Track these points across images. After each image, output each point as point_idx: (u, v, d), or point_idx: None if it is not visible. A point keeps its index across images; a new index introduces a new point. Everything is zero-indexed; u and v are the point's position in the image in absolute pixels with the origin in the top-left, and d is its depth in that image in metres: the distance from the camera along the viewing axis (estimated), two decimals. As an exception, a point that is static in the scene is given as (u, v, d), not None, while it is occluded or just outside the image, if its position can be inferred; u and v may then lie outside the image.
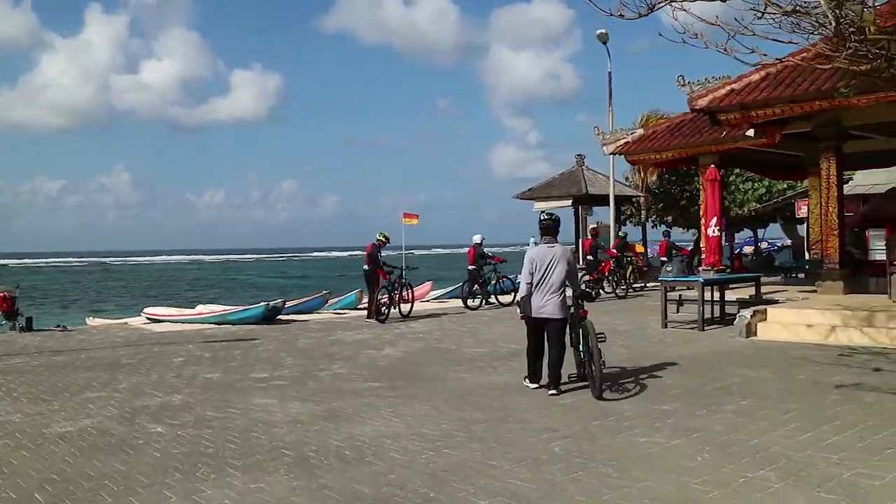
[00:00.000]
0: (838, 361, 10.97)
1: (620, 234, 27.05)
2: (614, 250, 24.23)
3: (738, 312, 14.18)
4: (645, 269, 29.27)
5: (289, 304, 20.05)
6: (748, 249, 42.76)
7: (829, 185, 16.64)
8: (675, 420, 7.64)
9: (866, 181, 28.21)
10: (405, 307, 18.97)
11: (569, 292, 9.38)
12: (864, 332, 12.88)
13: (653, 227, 36.96)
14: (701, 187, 19.04)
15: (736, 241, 39.43)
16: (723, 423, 7.51)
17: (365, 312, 20.06)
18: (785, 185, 34.73)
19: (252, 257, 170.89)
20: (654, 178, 36.08)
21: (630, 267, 24.71)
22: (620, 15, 7.84)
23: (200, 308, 20.09)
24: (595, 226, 26.66)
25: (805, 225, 33.96)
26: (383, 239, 18.66)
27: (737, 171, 35.04)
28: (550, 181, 32.38)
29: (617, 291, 23.19)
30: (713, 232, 15.62)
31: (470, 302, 20.79)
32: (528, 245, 35.94)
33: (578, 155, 32.35)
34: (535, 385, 9.39)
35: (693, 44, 7.60)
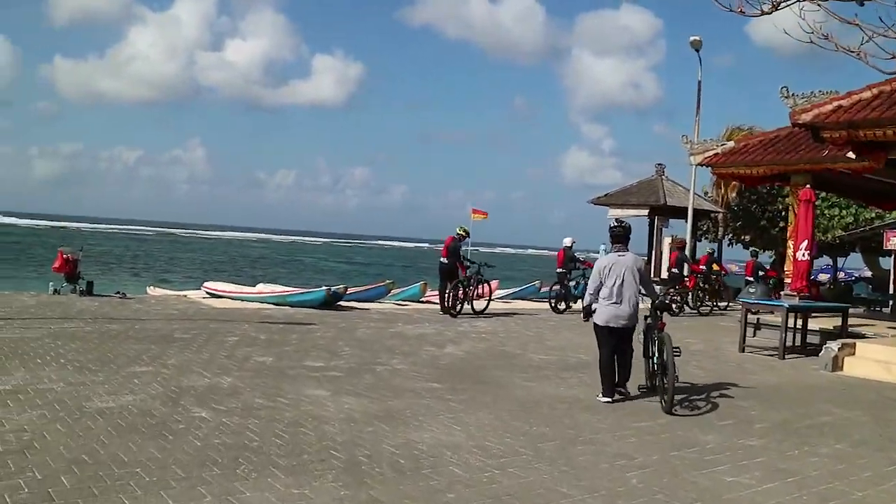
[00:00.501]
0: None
1: (709, 249, 26.33)
2: (703, 266, 23.43)
3: (825, 344, 13.23)
4: (721, 288, 28.20)
5: (351, 290, 19.56)
6: (823, 277, 41.16)
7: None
8: (766, 459, 6.86)
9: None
10: (480, 303, 18.70)
11: (646, 303, 9.45)
12: (968, 376, 11.88)
13: (729, 244, 35.73)
14: (791, 208, 18.01)
15: (813, 267, 37.84)
16: (819, 468, 6.71)
17: (430, 305, 19.60)
18: (873, 214, 33.23)
19: (319, 240, 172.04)
20: (734, 195, 34.82)
21: (717, 285, 23.98)
22: (741, 11, 7.06)
23: (261, 287, 19.69)
24: (683, 238, 26.08)
25: (892, 257, 32.45)
26: (463, 233, 18.68)
27: (823, 195, 33.67)
28: (628, 188, 31.41)
29: (700, 309, 22.33)
30: (803, 256, 14.64)
31: (557, 305, 20.37)
32: (598, 252, 35.15)
33: (658, 164, 31.31)
34: (608, 399, 9.03)
35: (822, 45, 6.77)
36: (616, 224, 9.29)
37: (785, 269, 17.91)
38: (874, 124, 12.86)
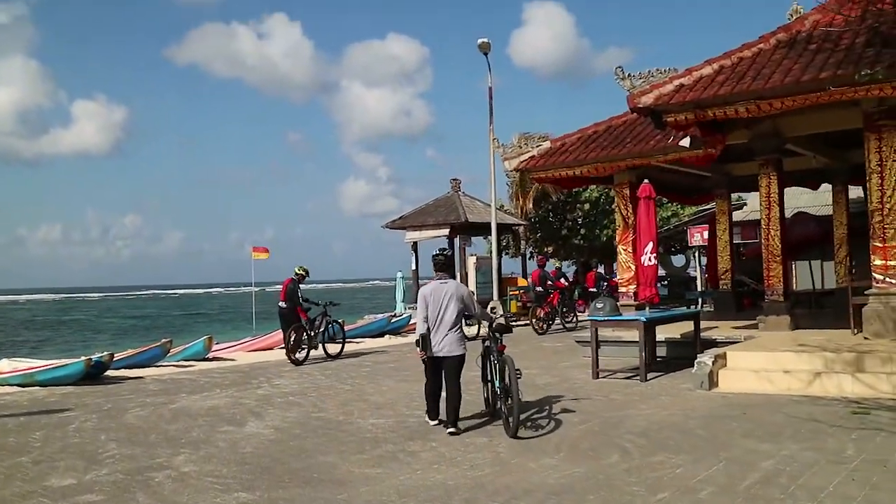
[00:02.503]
0: (864, 424, 8.29)
1: (557, 265, 25.87)
2: (563, 281, 23.19)
3: (697, 358, 11.41)
4: (529, 304, 26.69)
5: (119, 356, 15.92)
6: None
7: (770, 205, 14.30)
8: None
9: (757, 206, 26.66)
10: (334, 347, 17.22)
11: (474, 329, 10.52)
12: (857, 378, 10.38)
13: (531, 257, 34.46)
14: (617, 210, 16.38)
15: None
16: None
17: (217, 363, 16.50)
18: (669, 213, 33.14)
19: (95, 296, 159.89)
20: (531, 205, 33.60)
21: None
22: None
23: (3, 364, 15.69)
24: (544, 255, 26.56)
25: (694, 254, 32.37)
26: (302, 273, 16.95)
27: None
28: (423, 208, 29.43)
29: (566, 324, 21.87)
30: (648, 260, 12.88)
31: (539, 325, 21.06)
32: (396, 279, 32.77)
33: (454, 179, 29.61)
34: (435, 422, 9.02)
35: None
36: (439, 252, 9.17)
37: (619, 276, 16.22)
38: (724, 102, 11.29)
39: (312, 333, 16.69)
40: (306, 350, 16.46)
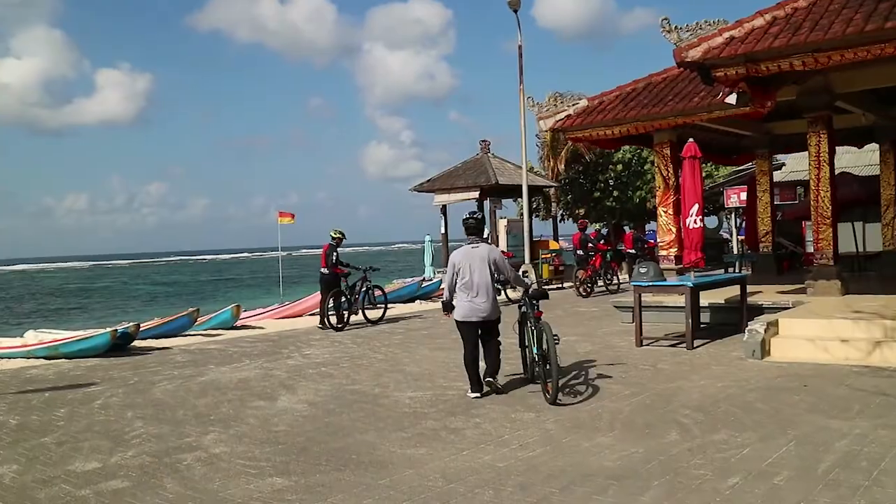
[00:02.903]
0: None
1: (597, 227, 26.78)
2: (603, 243, 23.69)
3: (747, 326, 10.85)
4: (561, 268, 26.20)
5: (145, 325, 15.57)
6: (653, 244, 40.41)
7: (820, 165, 13.62)
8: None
9: (801, 166, 25.84)
10: (374, 313, 17.08)
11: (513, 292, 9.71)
12: (922, 348, 9.78)
13: (561, 220, 33.79)
14: (657, 170, 15.74)
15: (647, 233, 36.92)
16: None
17: (246, 331, 16.17)
18: (704, 174, 32.32)
19: (123, 262, 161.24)
20: (562, 167, 32.84)
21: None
22: None
23: (29, 336, 15.38)
24: (584, 219, 26.78)
25: (728, 216, 31.63)
26: (339, 236, 16.47)
27: (651, 159, 32.42)
28: (452, 171, 28.78)
29: (609, 286, 22.31)
30: (694, 223, 12.27)
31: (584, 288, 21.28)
32: (424, 243, 32.24)
33: (483, 140, 28.88)
34: (477, 394, 8.72)
35: None
36: (469, 216, 8.97)
37: (659, 239, 15.61)
38: (778, 55, 10.59)
39: (353, 299, 16.41)
40: (346, 315, 16.19)
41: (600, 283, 22.38)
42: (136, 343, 14.52)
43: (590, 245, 22.13)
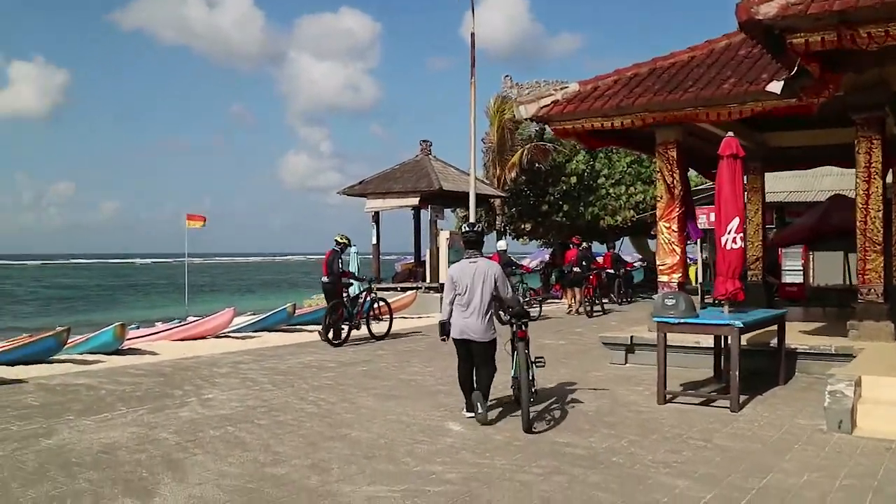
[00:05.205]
0: None
1: (586, 244, 23.73)
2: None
3: (828, 385, 7.86)
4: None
5: (-1, 348, 11.87)
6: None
7: (871, 178, 10.92)
8: None
9: (778, 186, 23.38)
10: (380, 326, 15.82)
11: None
12: None
13: (503, 236, 30.64)
14: (660, 174, 12.72)
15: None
16: None
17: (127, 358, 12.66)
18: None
19: (27, 263, 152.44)
20: (513, 175, 29.66)
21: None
22: None
23: None
24: (576, 236, 24.55)
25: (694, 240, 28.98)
26: (344, 241, 15.43)
27: (605, 173, 29.71)
28: (388, 173, 25.48)
29: (604, 306, 21.79)
30: (733, 242, 9.32)
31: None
32: (349, 255, 28.96)
33: (424, 141, 25.68)
34: (472, 414, 8.14)
35: None
36: (468, 229, 8.54)
37: (660, 262, 12.57)
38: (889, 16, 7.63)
39: (354, 312, 15.27)
40: (347, 329, 15.07)
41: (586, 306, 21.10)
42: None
43: (584, 262, 21.34)
